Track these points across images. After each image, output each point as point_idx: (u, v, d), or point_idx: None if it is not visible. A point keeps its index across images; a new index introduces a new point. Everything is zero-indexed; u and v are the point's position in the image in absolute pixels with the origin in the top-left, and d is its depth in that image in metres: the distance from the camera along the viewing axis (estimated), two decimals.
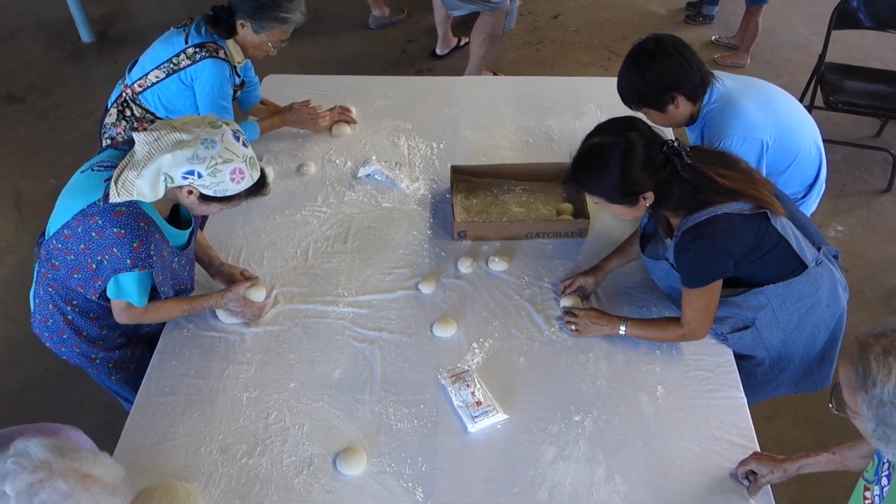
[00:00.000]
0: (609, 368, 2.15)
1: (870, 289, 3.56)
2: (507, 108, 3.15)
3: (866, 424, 1.36)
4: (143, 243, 1.90)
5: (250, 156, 1.93)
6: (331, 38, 5.32)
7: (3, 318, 3.46)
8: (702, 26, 5.43)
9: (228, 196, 1.93)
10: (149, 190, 1.87)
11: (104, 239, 1.90)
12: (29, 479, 1.26)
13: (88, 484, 1.30)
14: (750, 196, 1.94)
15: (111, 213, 1.89)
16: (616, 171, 1.93)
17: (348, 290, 2.37)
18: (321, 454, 1.96)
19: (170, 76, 2.64)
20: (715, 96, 2.32)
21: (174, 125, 1.88)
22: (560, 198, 2.71)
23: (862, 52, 5.00)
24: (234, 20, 2.62)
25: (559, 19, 5.53)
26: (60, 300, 2.12)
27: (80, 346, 2.20)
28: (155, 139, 1.85)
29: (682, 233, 1.97)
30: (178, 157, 1.83)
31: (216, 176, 1.86)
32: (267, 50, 2.71)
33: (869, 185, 4.14)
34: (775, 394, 2.32)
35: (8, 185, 4.20)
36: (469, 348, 2.21)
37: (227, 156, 1.87)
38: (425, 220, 2.63)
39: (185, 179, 1.86)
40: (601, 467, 1.92)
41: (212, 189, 1.89)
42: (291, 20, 2.64)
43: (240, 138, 1.91)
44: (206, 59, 2.60)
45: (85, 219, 1.91)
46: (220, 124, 1.89)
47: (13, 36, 5.41)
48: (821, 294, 2.09)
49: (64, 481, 1.27)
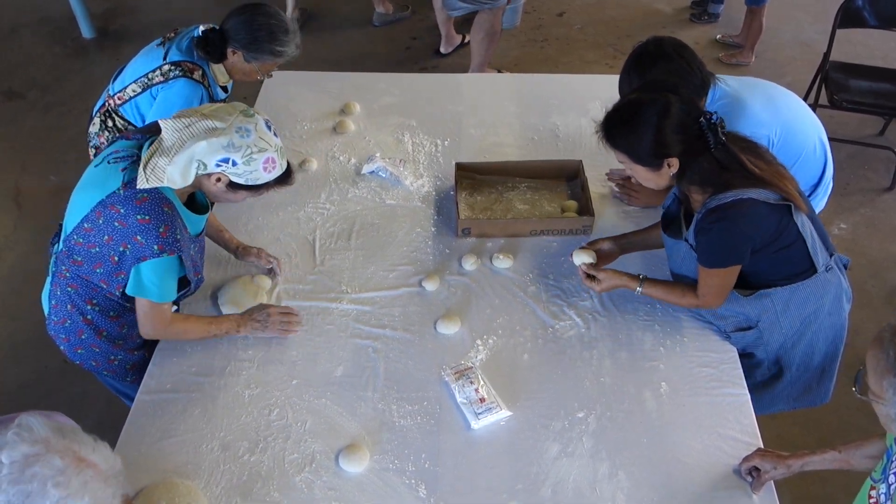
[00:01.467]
0: (613, 365, 2.15)
1: (872, 287, 3.56)
2: (511, 106, 3.15)
3: (890, 409, 1.38)
4: (168, 227, 1.89)
5: (281, 146, 1.94)
6: (335, 35, 5.31)
7: (2, 314, 3.45)
8: (707, 25, 5.42)
9: (258, 185, 1.93)
10: (179, 176, 1.86)
11: (127, 228, 1.88)
12: (25, 451, 1.27)
13: (83, 467, 1.30)
14: (777, 187, 1.91)
15: (133, 200, 1.87)
16: (649, 129, 1.89)
17: (352, 287, 2.37)
18: (324, 451, 1.95)
19: (144, 91, 2.58)
20: (718, 95, 2.31)
21: (204, 112, 1.88)
22: (565, 195, 2.70)
23: (867, 50, 4.99)
24: (225, 46, 2.52)
25: (564, 17, 5.52)
26: (80, 299, 2.08)
27: (99, 347, 2.15)
28: (185, 126, 1.84)
29: (705, 212, 1.94)
30: (213, 145, 1.83)
31: (250, 164, 1.87)
32: (255, 78, 2.64)
33: (872, 184, 4.14)
34: (773, 409, 2.30)
35: (8, 181, 4.20)
36: (473, 345, 2.20)
37: (262, 145, 1.87)
38: (429, 217, 2.62)
39: (219, 167, 1.86)
40: (605, 464, 1.92)
41: (244, 177, 1.90)
42: (286, 54, 2.54)
43: (271, 128, 1.92)
44: (179, 79, 2.52)
45: (105, 209, 1.89)
46: (252, 113, 1.89)
47: (14, 31, 5.40)
48: (825, 301, 2.08)
49: (60, 459, 1.28)
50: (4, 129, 4.57)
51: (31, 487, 1.25)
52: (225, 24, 2.52)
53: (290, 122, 3.04)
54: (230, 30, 2.50)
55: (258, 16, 2.48)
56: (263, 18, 2.48)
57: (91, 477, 1.31)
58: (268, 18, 2.48)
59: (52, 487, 1.26)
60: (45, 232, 3.78)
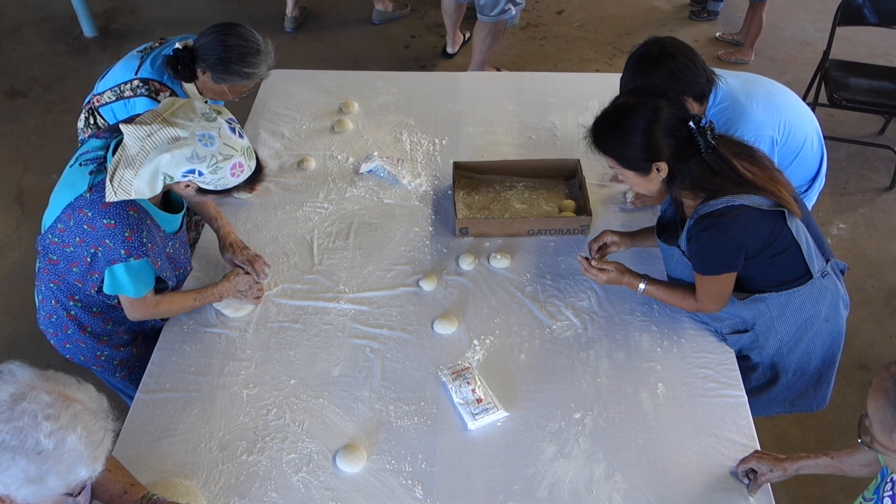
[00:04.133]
0: (610, 366, 2.15)
1: (872, 287, 3.55)
2: (510, 104, 3.14)
3: None
4: (134, 231, 1.89)
5: (248, 147, 1.91)
6: (334, 33, 5.30)
7: (4, 313, 3.46)
8: (706, 22, 5.41)
9: (228, 188, 1.93)
10: (147, 188, 1.85)
11: (96, 231, 1.89)
12: (12, 390, 1.33)
13: (70, 402, 1.35)
14: (770, 192, 1.89)
15: (99, 204, 1.88)
16: (637, 133, 1.88)
17: (349, 287, 2.37)
18: (321, 451, 1.95)
19: (118, 101, 2.54)
20: (720, 96, 2.31)
21: (164, 117, 1.83)
22: (563, 194, 2.70)
23: (867, 48, 4.98)
24: (195, 66, 2.43)
25: (563, 15, 5.51)
26: (63, 295, 2.11)
27: (85, 342, 2.18)
28: (147, 134, 1.81)
29: (696, 218, 1.93)
30: (176, 157, 1.81)
31: (217, 173, 1.86)
32: (227, 98, 2.53)
33: (872, 183, 4.13)
34: (769, 412, 2.30)
35: (10, 179, 4.21)
36: (470, 345, 2.20)
37: (227, 152, 1.85)
38: (427, 216, 2.62)
39: (185, 177, 1.85)
40: (601, 465, 1.92)
41: (212, 185, 1.89)
42: (255, 76, 2.44)
43: (236, 130, 1.89)
44: (143, 98, 2.46)
45: (75, 212, 1.90)
46: (213, 115, 1.85)
47: (17, 30, 5.41)
48: (821, 307, 2.06)
49: (46, 394, 1.34)
50: (6, 127, 4.58)
51: (23, 422, 1.30)
52: (197, 43, 2.44)
53: (289, 120, 3.04)
54: (200, 49, 2.41)
55: (227, 36, 2.39)
56: (233, 39, 2.39)
57: (80, 410, 1.36)
58: (237, 39, 2.39)
59: (44, 420, 1.31)
60: None
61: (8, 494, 1.33)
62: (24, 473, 1.30)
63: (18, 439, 1.29)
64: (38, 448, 1.30)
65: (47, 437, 1.30)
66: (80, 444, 1.33)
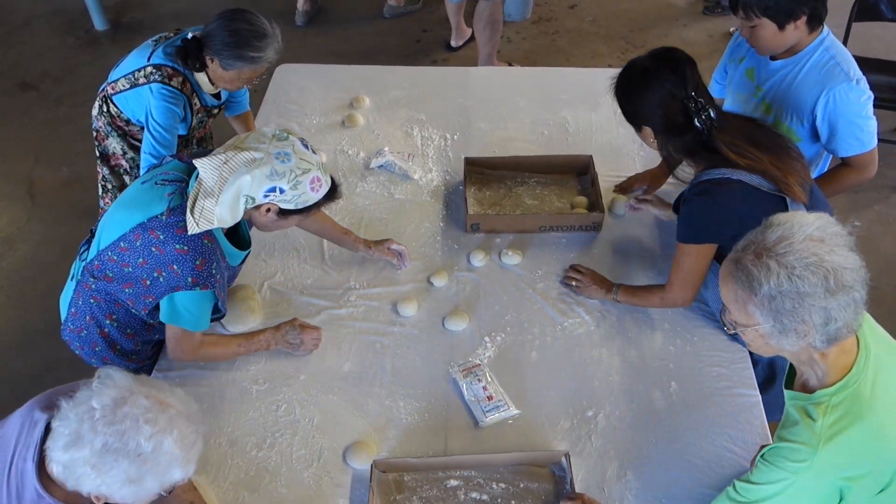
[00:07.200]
0: (622, 364, 2.13)
1: (886, 284, 3.52)
2: (521, 100, 3.12)
3: (763, 327, 1.42)
4: (205, 261, 1.85)
5: (322, 162, 1.90)
6: (344, 28, 5.29)
7: (16, 305, 3.47)
8: (720, 17, 5.35)
9: (308, 206, 1.89)
10: (229, 215, 1.82)
11: (164, 255, 1.84)
12: (113, 395, 1.40)
13: (165, 406, 1.42)
14: (770, 176, 1.88)
15: (174, 227, 1.83)
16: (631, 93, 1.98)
17: (360, 283, 2.36)
18: (331, 447, 1.95)
19: (131, 88, 2.56)
20: (826, 44, 2.24)
21: (237, 145, 1.83)
22: (575, 191, 2.68)
23: (882, 43, 4.92)
24: (203, 54, 2.44)
25: (576, 9, 5.48)
26: (101, 313, 2.04)
27: (111, 360, 2.12)
28: (223, 162, 1.79)
29: (693, 184, 1.96)
30: (256, 177, 1.78)
31: (298, 188, 1.83)
32: (238, 86, 2.55)
33: (887, 180, 4.08)
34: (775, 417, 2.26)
35: (21, 172, 4.21)
36: (481, 342, 2.19)
37: (305, 166, 1.83)
38: (438, 212, 2.61)
39: (267, 197, 1.82)
40: (613, 464, 1.91)
41: (293, 202, 1.85)
42: (262, 59, 2.42)
43: (308, 146, 1.88)
44: (155, 84, 2.47)
45: (145, 233, 1.85)
46: (285, 135, 1.85)
47: (28, 24, 5.42)
48: None
49: (145, 399, 1.41)
50: (18, 120, 4.59)
51: (125, 426, 1.37)
52: (204, 31, 2.44)
53: (299, 115, 3.03)
54: (206, 37, 2.42)
55: (233, 21, 2.38)
56: (238, 24, 2.38)
57: (174, 414, 1.43)
58: (243, 24, 2.38)
59: (144, 424, 1.38)
60: (57, 223, 3.84)
61: (108, 494, 1.40)
62: (125, 474, 1.38)
63: (121, 442, 1.36)
64: (139, 450, 1.37)
65: (147, 440, 1.38)
66: (175, 447, 1.40)
